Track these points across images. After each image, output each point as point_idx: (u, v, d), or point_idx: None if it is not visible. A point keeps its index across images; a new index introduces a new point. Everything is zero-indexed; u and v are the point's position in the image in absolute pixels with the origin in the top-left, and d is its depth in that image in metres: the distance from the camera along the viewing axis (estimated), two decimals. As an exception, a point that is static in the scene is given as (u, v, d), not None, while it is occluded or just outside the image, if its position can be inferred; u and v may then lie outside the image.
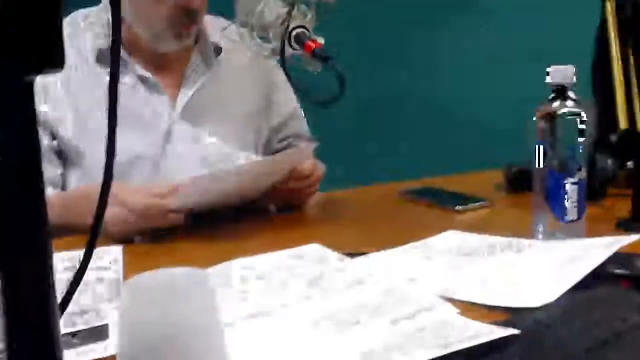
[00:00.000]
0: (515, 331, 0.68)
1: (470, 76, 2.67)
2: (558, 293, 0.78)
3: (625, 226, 1.09)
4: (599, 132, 1.75)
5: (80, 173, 1.25)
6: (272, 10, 1.07)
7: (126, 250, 1.02)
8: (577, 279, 0.80)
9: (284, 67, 1.04)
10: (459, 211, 1.23)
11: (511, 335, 0.67)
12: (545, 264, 0.88)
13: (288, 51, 1.04)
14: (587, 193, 1.03)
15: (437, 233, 1.05)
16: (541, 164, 1.02)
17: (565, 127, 1.01)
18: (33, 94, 0.41)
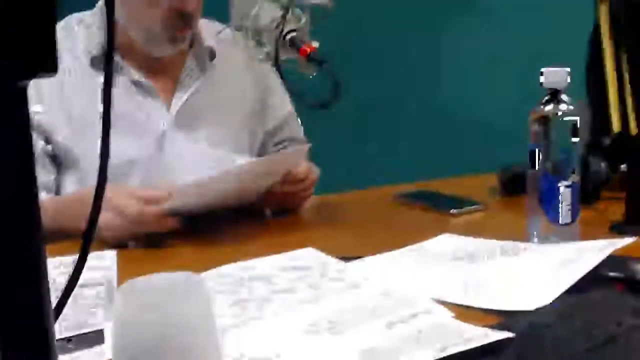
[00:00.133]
0: (510, 334, 0.68)
1: (470, 76, 2.68)
2: (553, 296, 0.79)
3: (618, 229, 1.09)
4: (593, 135, 1.76)
5: (74, 177, 1.25)
6: (267, 14, 1.07)
7: (120, 255, 1.02)
8: (572, 282, 0.81)
9: (279, 71, 1.04)
10: (454, 214, 1.24)
11: (506, 338, 0.67)
12: (539, 267, 0.88)
13: (283, 55, 1.04)
14: (581, 196, 1.03)
15: (432, 236, 1.05)
16: (535, 167, 1.02)
17: (558, 130, 1.01)
18: (27, 98, 0.40)
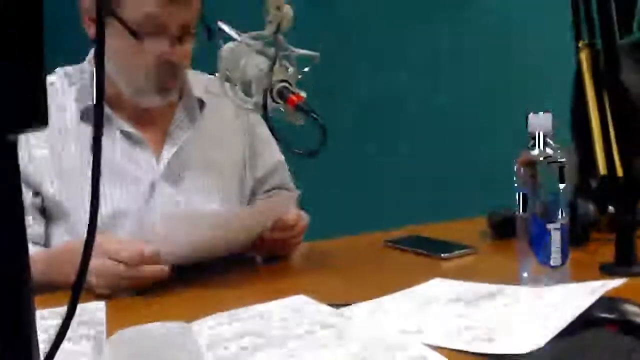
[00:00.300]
0: (503, 379, 0.67)
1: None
2: (546, 339, 0.78)
3: (609, 270, 1.09)
4: (580, 178, 1.77)
5: (64, 229, 1.24)
6: (254, 65, 1.08)
7: (109, 304, 1.01)
8: (564, 325, 0.80)
9: (267, 121, 1.05)
10: (445, 259, 1.24)
11: (500, 383, 0.67)
12: (532, 311, 0.88)
13: (271, 105, 1.05)
14: (571, 238, 1.04)
15: (424, 281, 1.05)
16: (524, 211, 1.03)
17: (546, 174, 1.02)
18: (16, 152, 0.41)
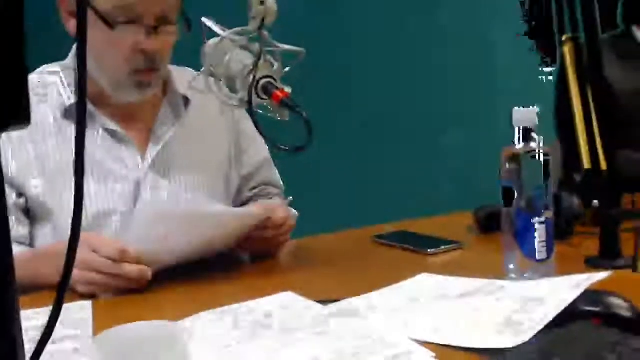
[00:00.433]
0: (491, 373, 0.68)
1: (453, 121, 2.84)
2: (532, 333, 0.79)
3: (593, 263, 1.10)
4: (564, 172, 1.79)
5: (48, 229, 1.23)
6: (239, 61, 1.08)
7: (96, 304, 1.00)
8: (550, 318, 0.81)
9: (252, 117, 1.05)
10: (432, 254, 1.24)
11: (487, 377, 0.67)
12: (517, 305, 0.88)
13: (255, 101, 1.05)
14: (555, 232, 1.04)
15: (411, 277, 1.05)
16: (509, 205, 1.04)
17: (530, 168, 1.03)
18: (-1, 151, 0.40)
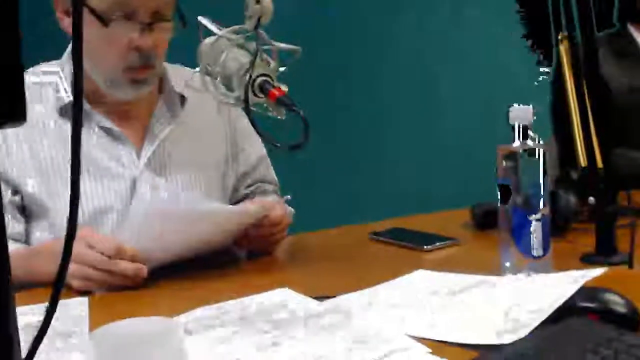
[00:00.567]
0: (487, 369, 0.68)
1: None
2: (529, 329, 0.79)
3: (590, 260, 1.10)
4: (561, 169, 1.79)
5: (44, 227, 1.23)
6: (235, 59, 1.08)
7: (91, 300, 1.00)
8: (546, 315, 0.81)
9: (249, 115, 1.05)
10: (428, 250, 1.24)
11: (483, 372, 0.67)
12: (514, 301, 0.89)
13: (252, 99, 1.05)
14: (552, 228, 1.05)
15: (407, 273, 1.06)
16: (506, 202, 1.04)
17: (527, 165, 1.03)
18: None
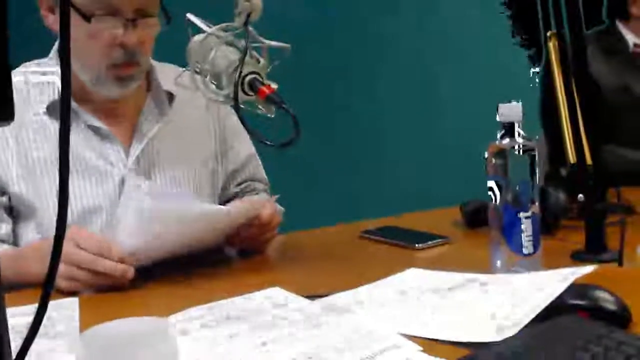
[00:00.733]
0: (478, 366, 0.68)
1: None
2: (519, 326, 0.79)
3: (579, 257, 1.11)
4: (550, 166, 1.80)
5: (32, 228, 1.22)
6: (224, 57, 1.07)
7: (82, 300, 1.00)
8: (537, 312, 0.81)
9: (238, 113, 1.04)
10: (419, 249, 1.24)
11: (475, 370, 0.67)
12: (504, 299, 0.89)
13: (242, 97, 1.04)
14: (542, 226, 1.05)
15: (399, 271, 1.05)
16: (496, 200, 1.04)
17: (516, 163, 1.03)
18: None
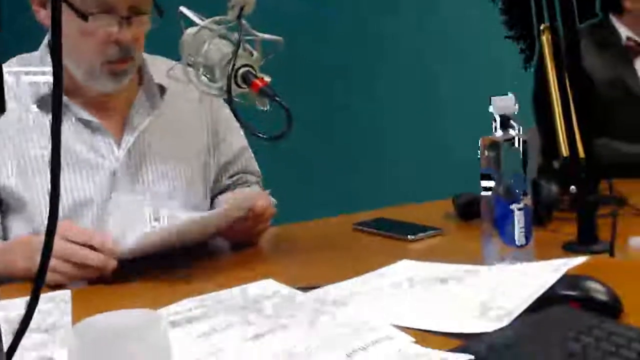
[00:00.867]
0: (470, 357, 0.68)
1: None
2: (511, 317, 0.80)
3: (571, 248, 1.11)
4: (543, 159, 1.80)
5: (22, 221, 1.21)
6: (218, 50, 1.07)
7: (74, 293, 1.00)
8: (529, 303, 0.82)
9: (231, 105, 1.04)
10: (412, 240, 1.25)
11: (467, 360, 0.68)
12: (496, 290, 0.89)
13: (235, 90, 1.04)
14: (534, 218, 1.05)
15: (392, 263, 1.06)
16: (488, 192, 1.04)
17: (509, 155, 1.04)
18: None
